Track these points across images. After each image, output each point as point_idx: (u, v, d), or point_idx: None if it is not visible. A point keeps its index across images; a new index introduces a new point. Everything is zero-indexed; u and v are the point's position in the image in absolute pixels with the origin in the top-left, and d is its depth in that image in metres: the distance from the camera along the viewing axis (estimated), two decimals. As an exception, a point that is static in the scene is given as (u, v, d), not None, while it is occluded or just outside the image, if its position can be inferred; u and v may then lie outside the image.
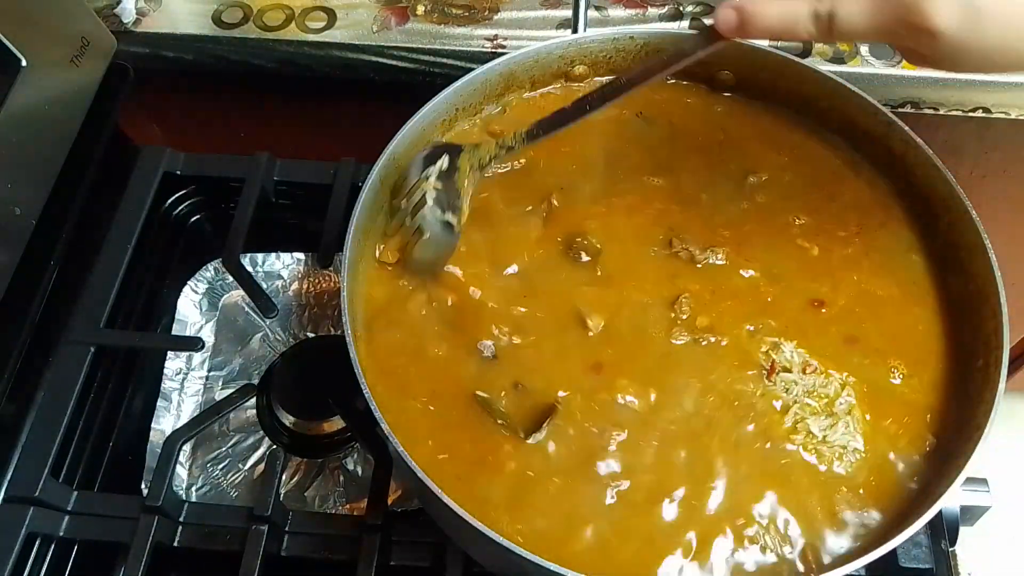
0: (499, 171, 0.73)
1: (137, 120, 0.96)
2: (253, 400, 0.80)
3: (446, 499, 0.55)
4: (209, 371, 0.83)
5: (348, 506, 0.75)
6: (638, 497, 0.60)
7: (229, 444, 0.78)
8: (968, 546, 0.71)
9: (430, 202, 0.65)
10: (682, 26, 0.96)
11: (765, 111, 0.77)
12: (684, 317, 0.66)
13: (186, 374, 0.82)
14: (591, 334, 0.65)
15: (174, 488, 0.72)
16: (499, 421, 0.62)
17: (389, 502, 0.71)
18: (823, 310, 0.67)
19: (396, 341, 0.65)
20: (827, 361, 0.65)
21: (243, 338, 0.84)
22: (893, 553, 0.66)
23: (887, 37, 0.52)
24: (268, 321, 0.84)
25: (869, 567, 0.59)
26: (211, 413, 0.76)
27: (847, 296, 0.68)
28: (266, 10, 0.98)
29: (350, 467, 0.77)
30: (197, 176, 0.90)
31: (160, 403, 0.79)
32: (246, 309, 0.86)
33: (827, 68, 0.80)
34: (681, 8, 0.98)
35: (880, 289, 0.68)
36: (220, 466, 0.77)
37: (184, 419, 0.79)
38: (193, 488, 0.76)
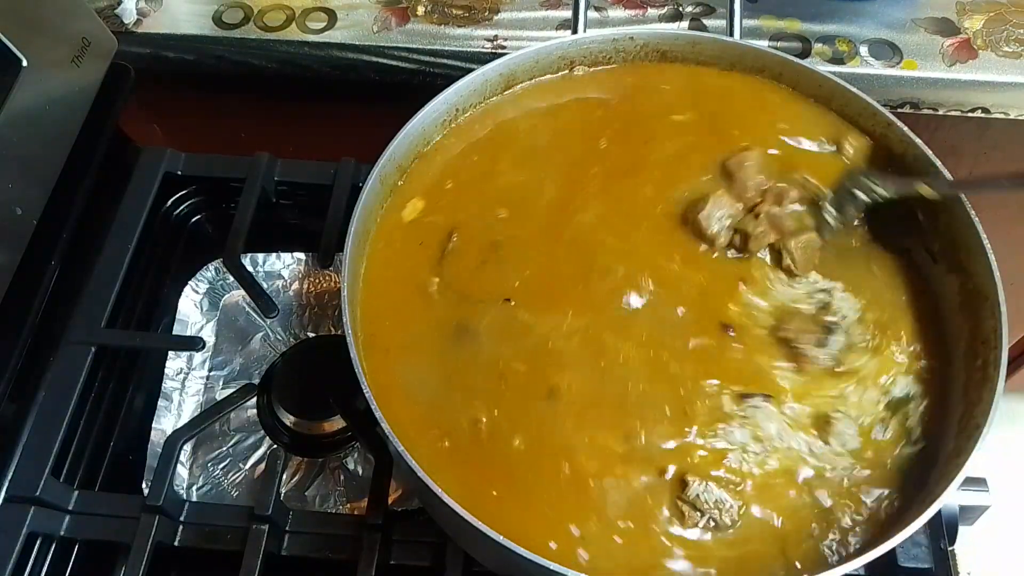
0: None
1: (138, 120, 0.96)
2: (254, 400, 0.80)
3: (446, 499, 0.55)
4: (210, 371, 0.83)
5: (348, 505, 0.76)
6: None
7: (230, 444, 0.79)
8: (967, 545, 0.71)
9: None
10: (682, 27, 0.96)
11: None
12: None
13: (187, 374, 0.82)
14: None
15: (175, 488, 0.72)
16: None
17: (389, 501, 0.71)
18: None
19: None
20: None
21: (244, 338, 0.84)
22: (892, 552, 0.66)
23: None
24: (269, 321, 0.84)
25: (869, 566, 0.59)
26: (212, 413, 0.76)
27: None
28: (267, 11, 0.98)
29: (350, 466, 0.77)
30: (198, 176, 0.90)
31: (161, 403, 0.79)
32: (247, 309, 0.86)
33: (826, 69, 0.80)
34: (681, 9, 0.98)
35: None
36: (221, 466, 0.77)
37: (185, 419, 0.79)
38: (194, 488, 0.76)
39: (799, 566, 0.58)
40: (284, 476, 0.76)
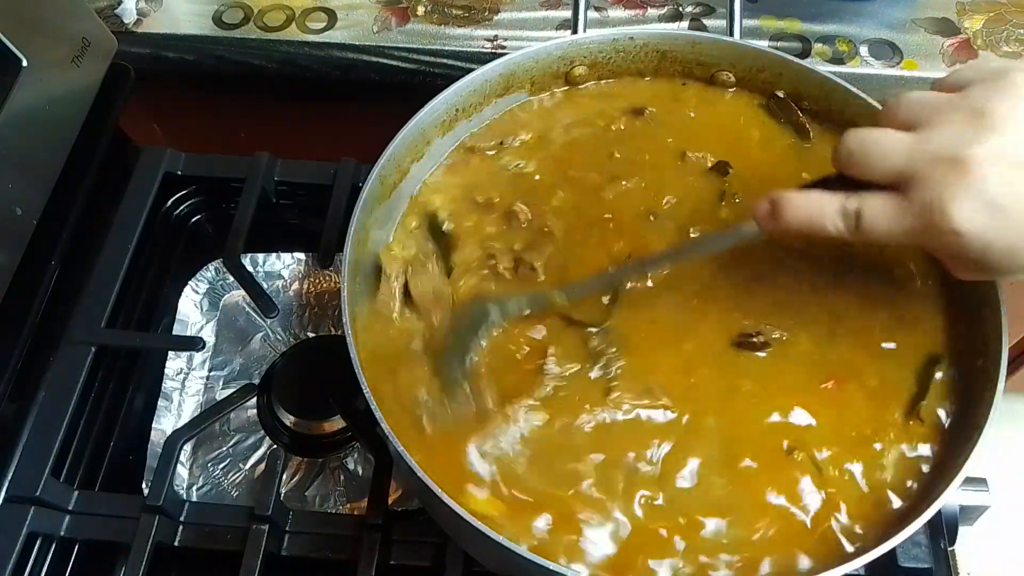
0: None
1: (138, 120, 0.96)
2: (254, 400, 0.80)
3: (446, 499, 0.55)
4: (210, 371, 0.83)
5: (348, 505, 0.76)
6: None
7: (230, 444, 0.79)
8: (967, 546, 0.71)
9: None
10: (682, 27, 0.96)
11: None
12: None
13: (187, 374, 0.82)
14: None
15: (175, 488, 0.72)
16: None
17: (389, 501, 0.71)
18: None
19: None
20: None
21: (244, 338, 0.84)
22: (892, 552, 0.66)
23: (914, 238, 0.51)
24: (269, 321, 0.84)
25: (869, 566, 0.59)
26: (212, 413, 0.76)
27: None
28: (267, 11, 0.98)
29: (350, 466, 0.77)
30: (198, 176, 0.90)
31: (161, 403, 0.79)
32: (247, 309, 0.86)
33: (826, 68, 0.80)
34: (680, 9, 0.98)
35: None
36: (221, 466, 0.77)
37: (185, 419, 0.79)
38: (194, 488, 0.76)
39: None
40: (284, 476, 0.76)
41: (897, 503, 0.59)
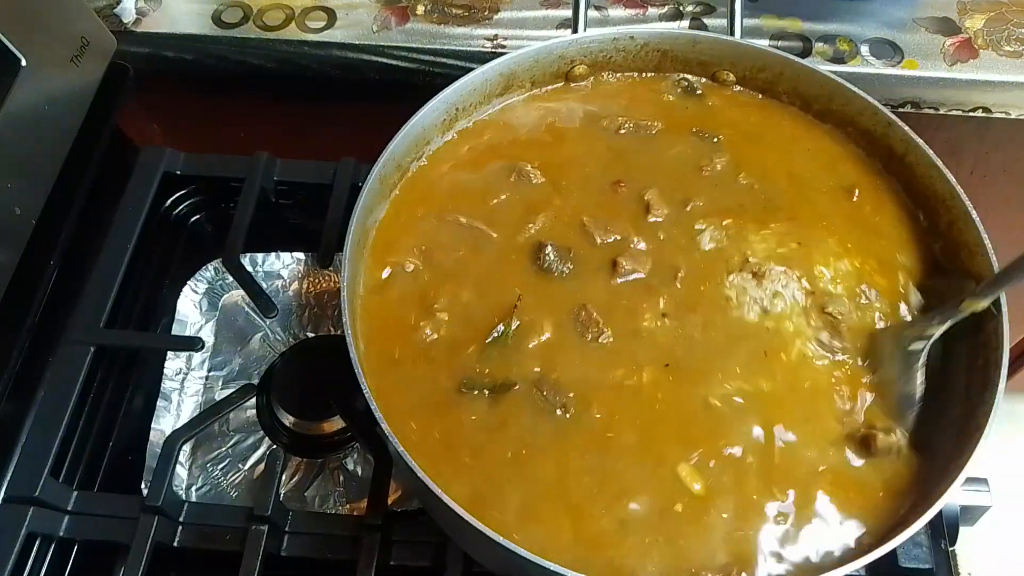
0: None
1: (137, 120, 0.96)
2: (253, 400, 0.80)
3: (446, 499, 0.55)
4: (209, 371, 0.83)
5: (348, 506, 0.75)
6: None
7: (229, 444, 0.78)
8: (968, 546, 0.71)
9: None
10: (682, 26, 0.96)
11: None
12: None
13: (186, 374, 0.82)
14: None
15: (174, 488, 0.72)
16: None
17: (389, 502, 0.71)
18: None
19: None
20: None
21: (243, 338, 0.84)
22: (893, 553, 0.66)
23: None
24: (268, 321, 0.84)
25: (869, 567, 0.59)
26: (211, 413, 0.76)
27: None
28: (266, 10, 0.98)
29: (350, 467, 0.77)
30: (197, 176, 0.90)
31: (160, 403, 0.79)
32: (246, 309, 0.85)
33: (827, 68, 0.80)
34: (681, 8, 0.98)
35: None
36: (220, 466, 0.77)
37: (184, 419, 0.79)
38: (193, 488, 0.76)
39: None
40: (283, 476, 0.76)
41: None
